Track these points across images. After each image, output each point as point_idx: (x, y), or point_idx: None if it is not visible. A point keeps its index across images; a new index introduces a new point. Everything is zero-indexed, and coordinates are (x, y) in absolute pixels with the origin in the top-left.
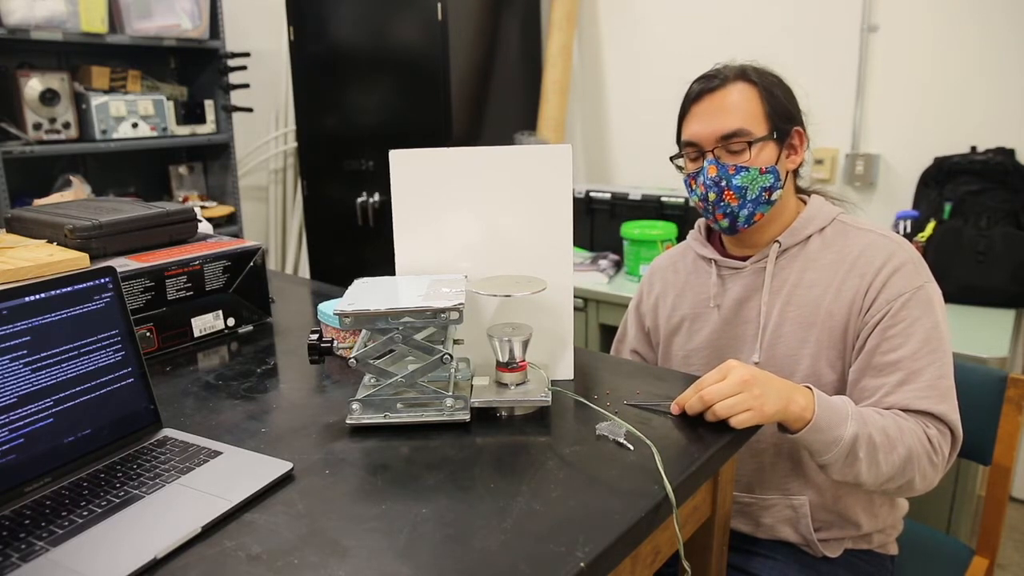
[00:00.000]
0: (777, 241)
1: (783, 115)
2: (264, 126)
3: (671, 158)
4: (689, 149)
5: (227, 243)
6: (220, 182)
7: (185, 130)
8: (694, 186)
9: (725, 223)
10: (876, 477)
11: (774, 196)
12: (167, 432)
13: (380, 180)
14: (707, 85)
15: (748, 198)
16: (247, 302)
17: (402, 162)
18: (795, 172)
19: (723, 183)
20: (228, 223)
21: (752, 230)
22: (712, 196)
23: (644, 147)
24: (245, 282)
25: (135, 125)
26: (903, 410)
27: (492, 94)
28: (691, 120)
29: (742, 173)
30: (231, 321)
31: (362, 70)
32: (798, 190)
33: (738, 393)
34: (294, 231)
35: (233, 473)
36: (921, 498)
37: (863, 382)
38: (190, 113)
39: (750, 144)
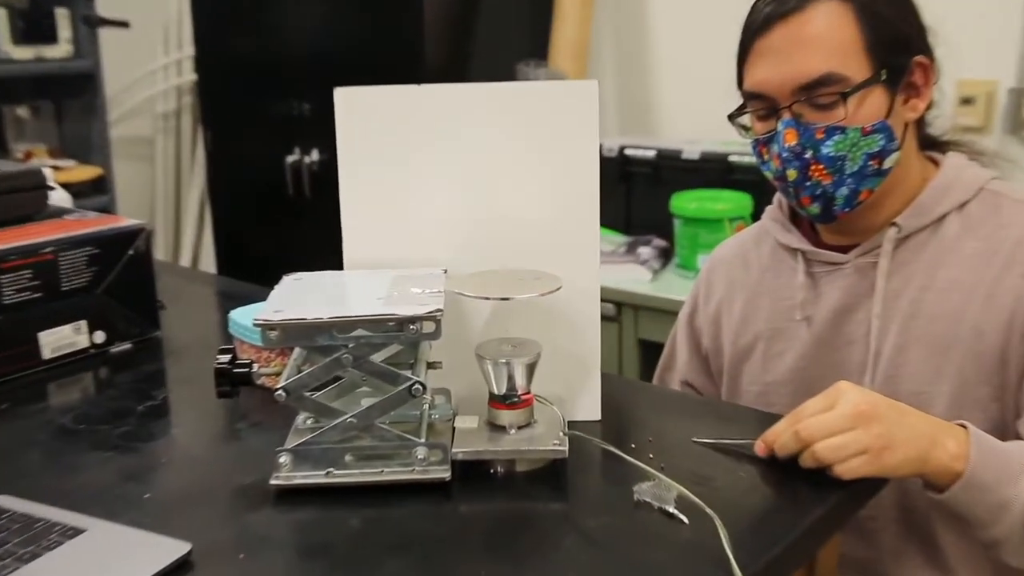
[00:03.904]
0: (895, 224)
1: (895, 42)
2: (148, 49)
3: (730, 116)
4: (756, 103)
5: (93, 221)
6: (82, 131)
7: (26, 53)
8: (766, 156)
9: (815, 208)
10: None
11: (887, 163)
12: (1, 501)
13: (320, 131)
14: (778, 8)
15: (847, 172)
16: (123, 308)
17: (352, 105)
18: (919, 121)
19: (808, 154)
20: (95, 192)
21: (856, 212)
22: (793, 174)
23: (704, 84)
24: (121, 279)
25: None
26: None
27: (484, 9)
28: (756, 61)
29: (836, 137)
30: (99, 336)
31: None
32: (925, 145)
33: (850, 429)
34: (193, 204)
35: (102, 560)
36: None
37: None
38: (33, 28)
39: (845, 96)
